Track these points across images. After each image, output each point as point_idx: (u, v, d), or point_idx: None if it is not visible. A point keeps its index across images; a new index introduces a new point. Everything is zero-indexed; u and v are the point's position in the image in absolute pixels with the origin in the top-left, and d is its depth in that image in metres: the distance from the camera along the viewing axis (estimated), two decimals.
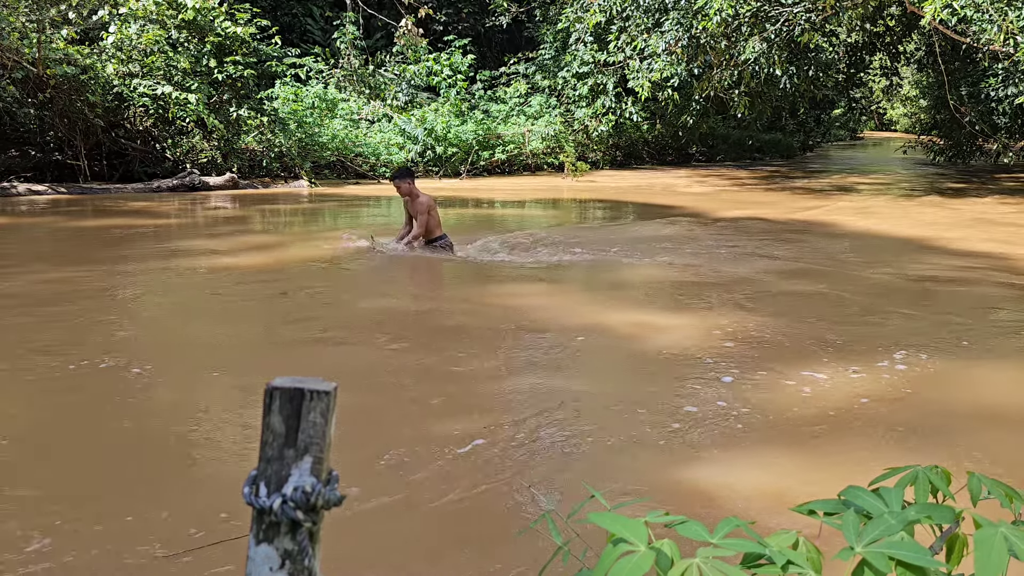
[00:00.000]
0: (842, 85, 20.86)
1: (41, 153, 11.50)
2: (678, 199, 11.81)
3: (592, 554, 0.96)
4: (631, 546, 0.79)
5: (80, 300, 4.91)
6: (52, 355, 3.75)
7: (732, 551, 0.79)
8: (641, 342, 4.12)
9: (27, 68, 10.69)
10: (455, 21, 19.30)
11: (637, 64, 13.09)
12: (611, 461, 2.69)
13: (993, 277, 5.95)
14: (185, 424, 2.97)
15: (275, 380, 0.84)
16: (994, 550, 0.81)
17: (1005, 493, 0.96)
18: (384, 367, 3.70)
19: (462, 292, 5.75)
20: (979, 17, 9.01)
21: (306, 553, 0.81)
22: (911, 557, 0.78)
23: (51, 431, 2.89)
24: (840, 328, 4.37)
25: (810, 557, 0.86)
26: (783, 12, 11.34)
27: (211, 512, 2.33)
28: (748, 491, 2.46)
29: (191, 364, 3.68)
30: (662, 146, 19.74)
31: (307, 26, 18.24)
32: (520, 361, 3.75)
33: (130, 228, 8.10)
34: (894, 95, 32.63)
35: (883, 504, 0.90)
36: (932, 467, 1.01)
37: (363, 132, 14.51)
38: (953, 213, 10.10)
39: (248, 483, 0.85)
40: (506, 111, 16.46)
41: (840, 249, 7.28)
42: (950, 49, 15.67)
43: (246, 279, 5.74)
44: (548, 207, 11.33)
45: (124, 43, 11.65)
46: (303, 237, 8.05)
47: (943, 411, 3.11)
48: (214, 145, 12.36)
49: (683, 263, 6.49)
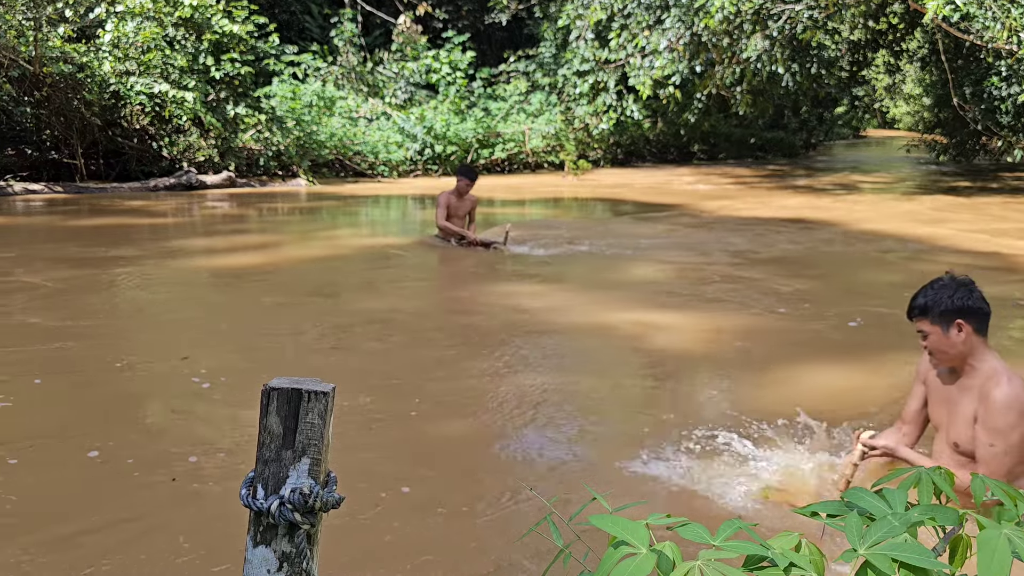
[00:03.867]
0: (845, 83, 20.83)
1: (37, 152, 11.49)
2: (679, 197, 11.80)
3: (594, 556, 0.95)
4: (632, 548, 0.78)
5: (77, 300, 4.90)
6: (51, 354, 3.74)
7: (734, 553, 0.79)
8: (643, 341, 4.11)
9: (23, 66, 10.67)
10: (454, 18, 19.27)
11: (638, 62, 13.07)
12: (612, 462, 2.69)
13: (995, 277, 5.94)
14: (182, 424, 2.96)
15: (273, 380, 0.83)
16: (997, 552, 0.81)
17: (1008, 495, 0.96)
18: (383, 366, 3.69)
19: (462, 291, 5.74)
20: (982, 14, 8.99)
21: (304, 555, 0.81)
22: (914, 559, 0.77)
23: (48, 432, 2.89)
24: (843, 327, 4.37)
25: (813, 559, 0.85)
26: (785, 9, 11.32)
27: (209, 514, 2.32)
28: (750, 492, 2.45)
29: (189, 364, 3.67)
30: (663, 144, 19.72)
31: (305, 23, 18.21)
32: (520, 360, 3.74)
33: (127, 227, 8.09)
34: (897, 93, 32.60)
35: (886, 506, 0.89)
36: (935, 468, 1.00)
37: (362, 130, 14.49)
38: (956, 211, 10.10)
39: (245, 485, 0.84)
40: (506, 109, 16.44)
41: (843, 247, 7.27)
42: (953, 47, 15.64)
43: (244, 278, 5.74)
44: (548, 206, 11.32)
45: (121, 41, 11.63)
46: (301, 236, 8.05)
47: None
48: (211, 143, 12.34)
49: (684, 262, 6.48)
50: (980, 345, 2.22)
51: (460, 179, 6.75)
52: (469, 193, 6.86)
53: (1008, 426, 2.09)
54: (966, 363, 2.23)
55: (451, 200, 6.86)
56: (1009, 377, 2.15)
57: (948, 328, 2.21)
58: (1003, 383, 2.13)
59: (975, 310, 2.21)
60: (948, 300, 2.21)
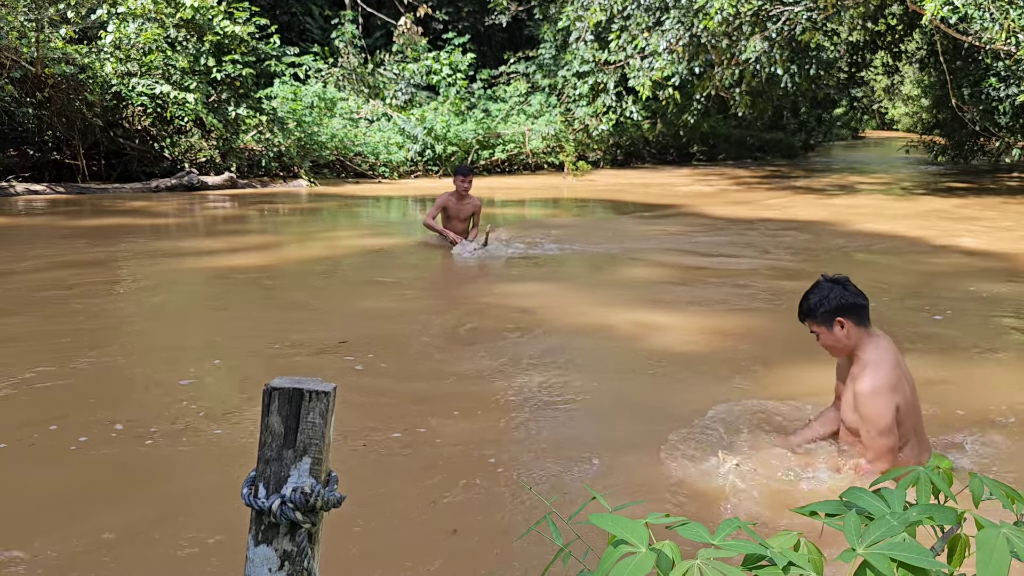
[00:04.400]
0: (843, 84, 20.85)
1: (39, 153, 11.50)
2: (679, 198, 11.81)
3: (593, 556, 0.95)
4: (632, 547, 0.78)
5: (77, 300, 4.91)
6: (51, 354, 3.75)
7: (733, 552, 0.79)
8: (642, 341, 4.12)
9: (25, 67, 10.68)
10: (455, 19, 19.29)
11: (638, 63, 13.08)
12: (612, 462, 2.69)
13: (995, 277, 5.94)
14: (183, 423, 2.96)
15: (274, 380, 0.84)
16: (996, 551, 0.81)
17: (1006, 494, 0.96)
18: (384, 366, 3.70)
19: (462, 291, 5.75)
20: (980, 15, 9.00)
21: (305, 554, 0.81)
22: (913, 558, 0.78)
23: (48, 430, 2.89)
24: None
25: (811, 558, 0.85)
26: (784, 11, 11.33)
27: (209, 513, 2.32)
28: (750, 492, 2.45)
29: (189, 364, 3.68)
30: (663, 145, 19.73)
31: (306, 25, 18.23)
32: (520, 360, 3.74)
33: (128, 228, 8.09)
34: (895, 94, 32.62)
35: (885, 505, 0.90)
36: (934, 468, 1.00)
37: (362, 131, 14.50)
38: (954, 211, 10.10)
39: (247, 484, 0.85)
40: (506, 110, 16.45)
41: (841, 248, 7.28)
42: (952, 48, 15.65)
43: (245, 278, 5.74)
44: (548, 206, 11.33)
45: (122, 42, 11.64)
46: (302, 236, 8.05)
47: (944, 411, 3.10)
48: (213, 144, 12.35)
49: (684, 262, 6.48)
50: (864, 336, 2.47)
51: (456, 178, 6.72)
52: (471, 196, 6.79)
53: (875, 414, 2.38)
54: (855, 354, 2.49)
55: (450, 201, 6.82)
56: (875, 368, 2.41)
57: (831, 326, 2.47)
58: (867, 376, 2.41)
59: (851, 306, 2.46)
60: (826, 302, 2.47)
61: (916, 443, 2.49)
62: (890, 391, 2.38)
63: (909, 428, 2.45)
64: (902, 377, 2.45)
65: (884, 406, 2.37)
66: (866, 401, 2.39)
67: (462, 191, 6.71)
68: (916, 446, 2.49)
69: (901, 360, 2.52)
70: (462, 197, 6.75)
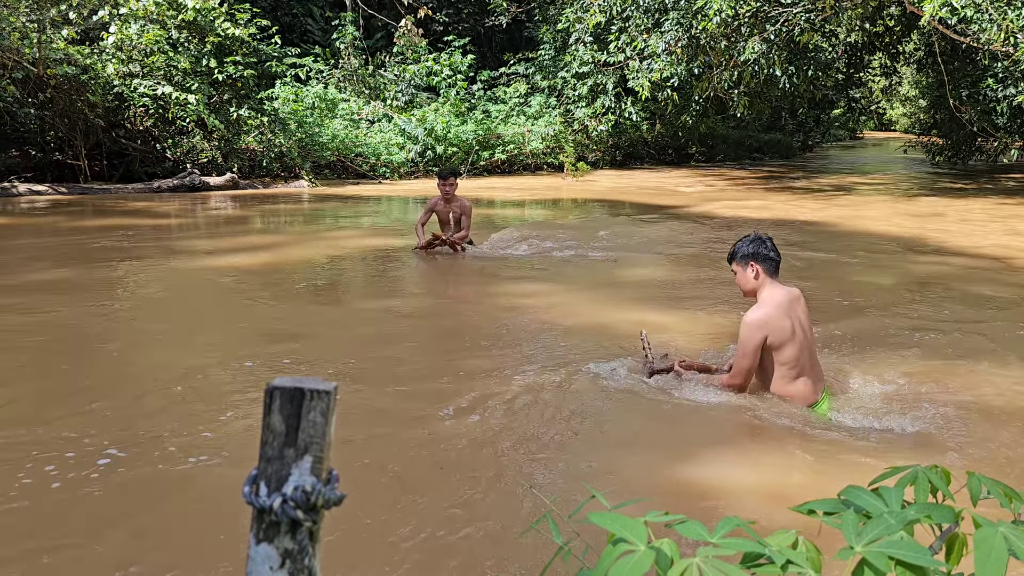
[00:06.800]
0: (841, 85, 20.87)
1: (41, 153, 11.51)
2: (678, 199, 11.82)
3: (593, 554, 0.96)
4: (631, 546, 0.79)
5: (79, 300, 4.91)
6: (51, 353, 3.75)
7: (732, 550, 0.79)
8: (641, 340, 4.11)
9: (27, 68, 10.69)
10: (455, 21, 19.31)
11: (637, 64, 13.09)
12: (611, 461, 2.69)
13: (994, 276, 5.95)
14: (184, 422, 2.97)
15: (275, 380, 0.84)
16: (994, 550, 0.81)
17: (1004, 493, 0.96)
18: (384, 366, 3.70)
19: (462, 291, 5.75)
20: (979, 16, 9.01)
21: (306, 552, 0.81)
22: (911, 557, 0.78)
23: (47, 430, 2.89)
24: (838, 326, 4.37)
25: (810, 556, 0.86)
26: (783, 12, 11.34)
27: (210, 511, 2.33)
28: (748, 490, 2.46)
29: (190, 364, 3.68)
30: (662, 146, 19.75)
31: (307, 26, 18.25)
32: (519, 360, 3.75)
33: (130, 228, 8.10)
34: (893, 95, 32.64)
35: (883, 504, 0.90)
36: (932, 467, 1.01)
37: (363, 132, 14.51)
38: (952, 212, 10.11)
39: (248, 482, 0.85)
40: (506, 111, 16.46)
41: (839, 248, 7.28)
42: (950, 49, 15.66)
43: (247, 279, 5.75)
44: (548, 207, 11.34)
45: (124, 43, 11.66)
46: (304, 237, 8.06)
47: (943, 410, 3.11)
48: (214, 145, 12.36)
49: (682, 262, 6.49)
50: (768, 284, 3.02)
51: (439, 182, 6.62)
52: (459, 198, 6.65)
53: (742, 339, 2.98)
54: (756, 296, 3.04)
55: (438, 205, 6.75)
56: (758, 307, 2.99)
57: (746, 268, 3.04)
58: (750, 311, 2.99)
59: (765, 256, 3.02)
60: (746, 247, 3.05)
61: (810, 379, 3.01)
62: (759, 326, 2.93)
63: (798, 364, 2.97)
64: (784, 318, 2.94)
65: (749, 336, 2.94)
66: (741, 329, 2.98)
67: (446, 195, 6.65)
68: (810, 381, 3.02)
69: (797, 308, 3.01)
70: (449, 200, 6.69)
